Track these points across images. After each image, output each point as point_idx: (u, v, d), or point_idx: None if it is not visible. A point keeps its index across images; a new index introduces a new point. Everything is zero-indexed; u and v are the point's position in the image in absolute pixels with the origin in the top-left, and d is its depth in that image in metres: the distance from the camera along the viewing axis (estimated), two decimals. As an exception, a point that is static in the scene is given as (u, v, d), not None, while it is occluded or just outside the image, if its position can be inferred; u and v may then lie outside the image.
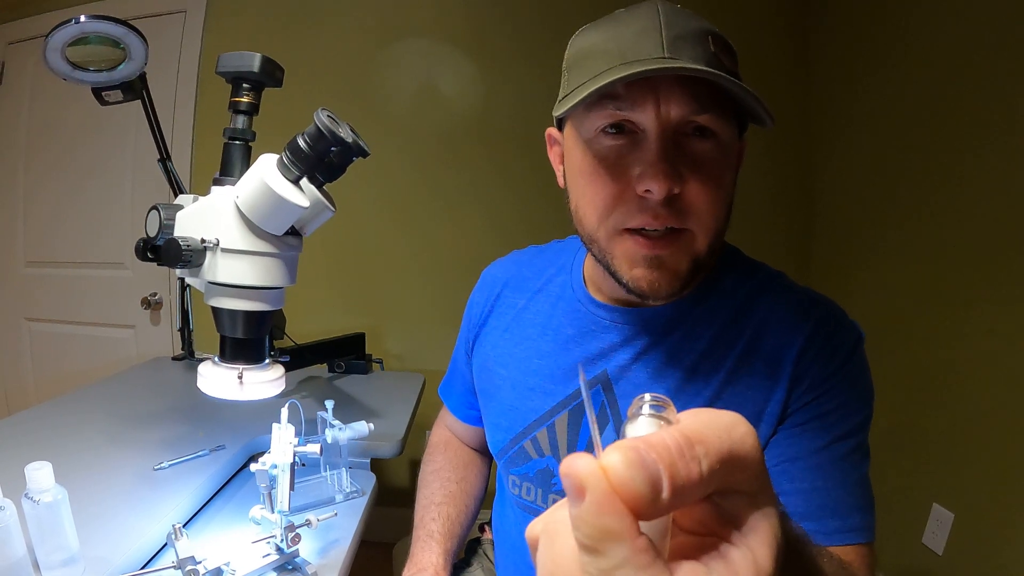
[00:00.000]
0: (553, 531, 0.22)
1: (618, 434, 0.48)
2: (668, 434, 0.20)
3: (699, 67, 0.53)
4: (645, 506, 0.19)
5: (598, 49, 0.59)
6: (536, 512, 0.76)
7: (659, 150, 0.56)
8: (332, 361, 1.65)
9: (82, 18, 0.97)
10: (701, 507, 0.23)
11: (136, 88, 1.17)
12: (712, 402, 0.65)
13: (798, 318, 0.65)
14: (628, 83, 0.56)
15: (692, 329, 0.68)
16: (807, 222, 2.23)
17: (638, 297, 0.64)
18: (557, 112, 0.62)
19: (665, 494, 0.19)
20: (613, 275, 0.63)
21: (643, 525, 0.20)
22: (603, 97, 0.58)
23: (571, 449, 0.72)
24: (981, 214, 1.48)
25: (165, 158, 1.41)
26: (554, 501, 0.73)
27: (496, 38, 2.12)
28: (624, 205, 0.59)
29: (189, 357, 1.75)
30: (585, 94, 0.55)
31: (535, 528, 0.24)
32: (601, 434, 0.66)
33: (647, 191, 0.57)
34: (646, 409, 0.23)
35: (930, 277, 1.65)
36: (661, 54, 0.55)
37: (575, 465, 0.20)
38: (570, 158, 0.66)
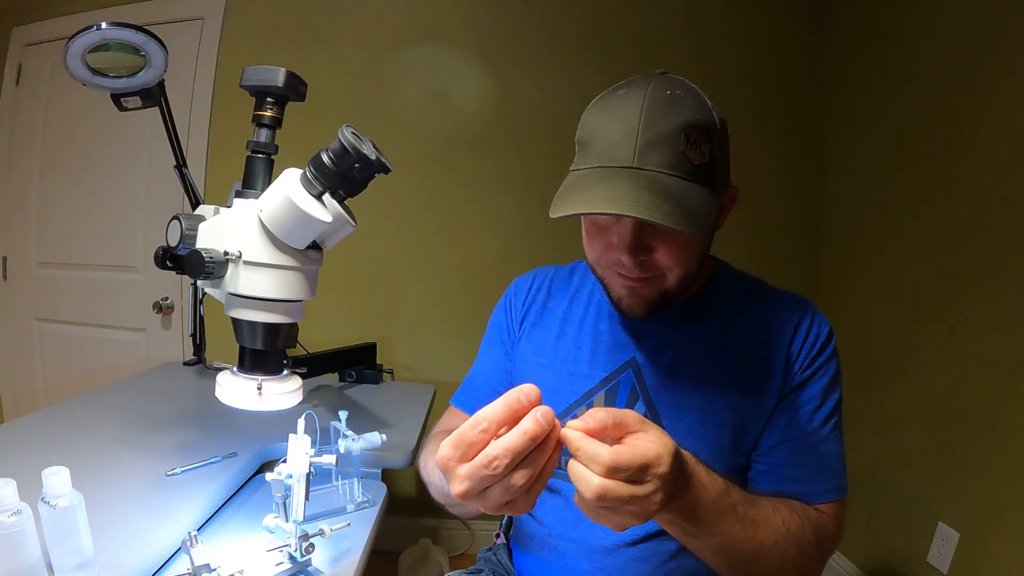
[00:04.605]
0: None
1: (646, 408, 0.82)
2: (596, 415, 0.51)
3: (632, 215, 0.64)
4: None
5: (592, 140, 0.73)
6: (561, 477, 0.83)
7: (629, 236, 0.72)
8: (343, 370, 1.66)
9: (103, 25, 0.98)
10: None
11: (155, 95, 1.18)
12: (729, 373, 0.82)
13: (785, 313, 0.84)
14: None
15: (700, 322, 0.86)
16: (814, 226, 2.23)
17: (621, 313, 0.85)
18: (552, 215, 0.74)
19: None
20: (608, 294, 0.84)
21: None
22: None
23: None
24: (988, 224, 1.48)
25: (181, 165, 1.42)
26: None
27: (509, 51, 2.13)
28: (608, 259, 0.77)
29: (201, 363, 1.76)
30: (562, 214, 0.71)
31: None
32: (633, 408, 0.81)
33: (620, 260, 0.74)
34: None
35: (940, 290, 1.65)
36: (630, 163, 0.68)
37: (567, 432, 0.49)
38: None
